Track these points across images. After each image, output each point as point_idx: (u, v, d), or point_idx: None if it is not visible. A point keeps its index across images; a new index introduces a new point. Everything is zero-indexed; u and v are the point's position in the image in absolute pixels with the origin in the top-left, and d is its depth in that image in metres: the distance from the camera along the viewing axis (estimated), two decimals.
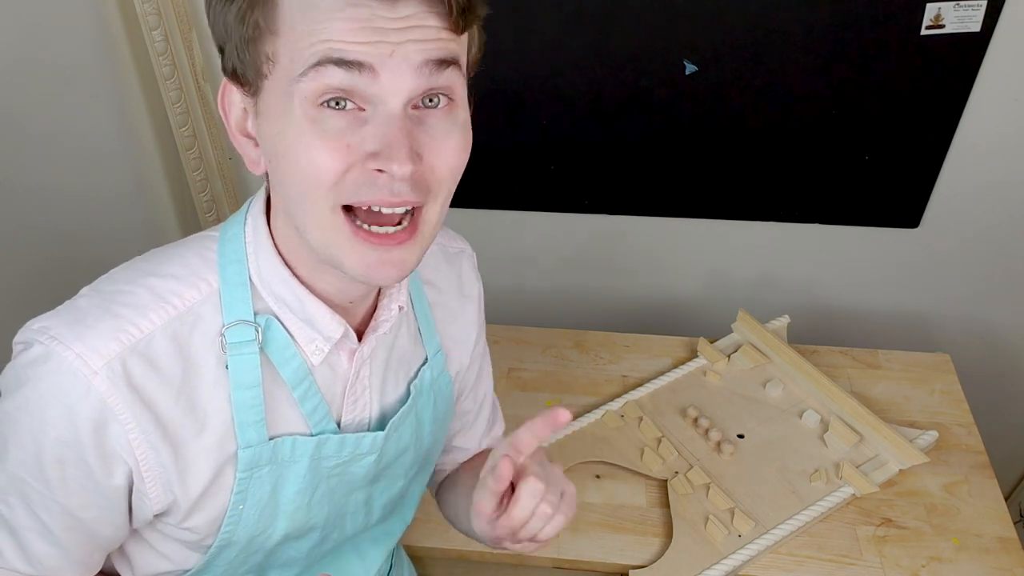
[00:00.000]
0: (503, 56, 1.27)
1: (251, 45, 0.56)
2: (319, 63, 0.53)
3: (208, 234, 0.68)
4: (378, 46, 0.53)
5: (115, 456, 0.61)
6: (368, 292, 0.69)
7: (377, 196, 0.56)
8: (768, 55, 1.23)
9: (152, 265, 0.65)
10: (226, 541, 0.69)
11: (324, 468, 0.71)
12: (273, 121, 0.57)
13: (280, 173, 0.59)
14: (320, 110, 0.55)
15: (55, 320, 0.60)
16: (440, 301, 0.82)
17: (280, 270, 0.65)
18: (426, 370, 0.78)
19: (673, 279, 1.54)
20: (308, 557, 0.78)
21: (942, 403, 1.26)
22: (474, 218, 1.48)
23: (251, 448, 0.65)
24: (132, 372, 0.59)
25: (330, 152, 0.55)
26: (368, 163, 0.55)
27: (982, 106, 1.25)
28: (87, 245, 1.47)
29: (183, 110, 1.35)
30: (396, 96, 0.55)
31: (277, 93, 0.56)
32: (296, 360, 0.66)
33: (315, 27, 0.53)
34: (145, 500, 0.63)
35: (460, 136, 0.59)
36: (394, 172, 0.55)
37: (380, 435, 0.72)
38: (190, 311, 0.62)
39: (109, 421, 0.59)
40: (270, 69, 0.56)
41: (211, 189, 1.46)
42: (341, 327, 0.66)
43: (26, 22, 1.24)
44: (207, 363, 0.63)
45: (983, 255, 1.42)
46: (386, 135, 0.55)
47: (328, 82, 0.54)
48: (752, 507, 1.09)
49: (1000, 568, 1.03)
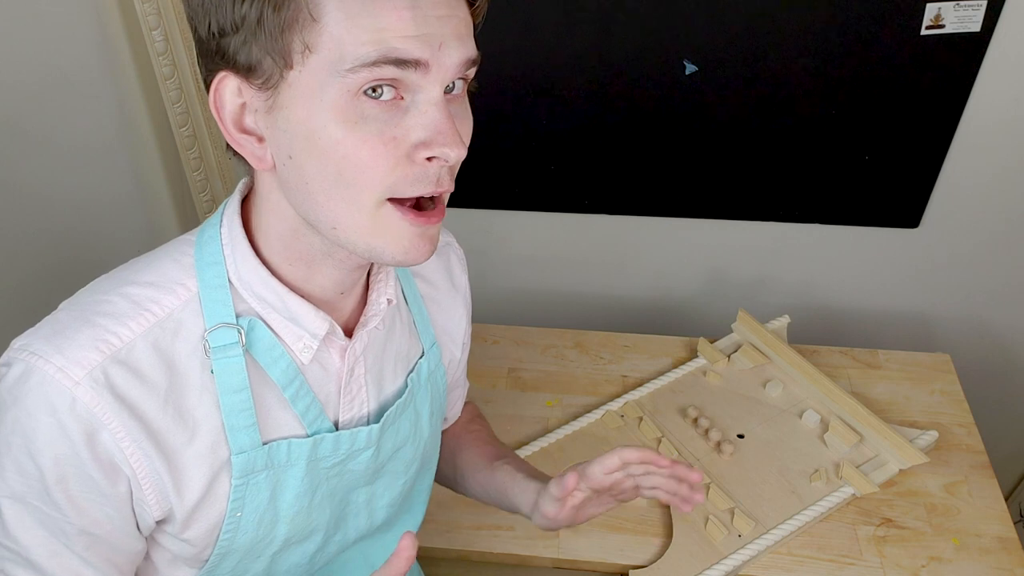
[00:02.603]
0: (503, 56, 1.27)
1: (284, 33, 0.53)
2: (375, 63, 0.52)
3: (184, 239, 0.67)
4: (429, 40, 0.53)
5: (112, 465, 0.60)
6: (357, 281, 0.68)
7: (426, 188, 0.57)
8: (768, 55, 1.23)
9: (129, 274, 0.64)
10: (225, 550, 0.68)
11: (322, 469, 0.70)
12: (301, 115, 0.55)
13: (309, 171, 0.56)
14: (359, 100, 0.54)
15: (34, 336, 0.59)
16: (431, 294, 0.82)
17: (259, 270, 0.64)
18: (423, 363, 0.79)
19: (673, 279, 1.54)
20: (312, 563, 0.77)
21: (942, 403, 1.26)
22: (474, 218, 1.48)
23: (244, 453, 0.64)
24: (115, 381, 0.58)
25: (375, 148, 0.55)
26: (417, 153, 0.56)
27: (982, 106, 1.25)
28: (87, 245, 1.47)
29: (183, 110, 1.35)
30: (439, 85, 0.55)
31: (308, 85, 0.54)
32: (284, 360, 0.65)
33: (361, 17, 0.52)
34: (145, 507, 0.62)
35: (471, 121, 0.61)
36: (450, 157, 0.56)
37: (376, 427, 0.72)
38: (170, 317, 0.61)
39: (98, 430, 0.58)
40: (302, 59, 0.53)
41: (211, 189, 1.46)
42: (326, 323, 0.66)
43: (26, 23, 1.24)
44: (192, 369, 0.62)
45: (983, 255, 1.42)
46: (435, 122, 0.55)
47: (380, 76, 0.53)
48: (752, 507, 1.09)
49: (1000, 568, 1.03)
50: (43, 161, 1.38)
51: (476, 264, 1.55)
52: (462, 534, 1.09)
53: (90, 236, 1.47)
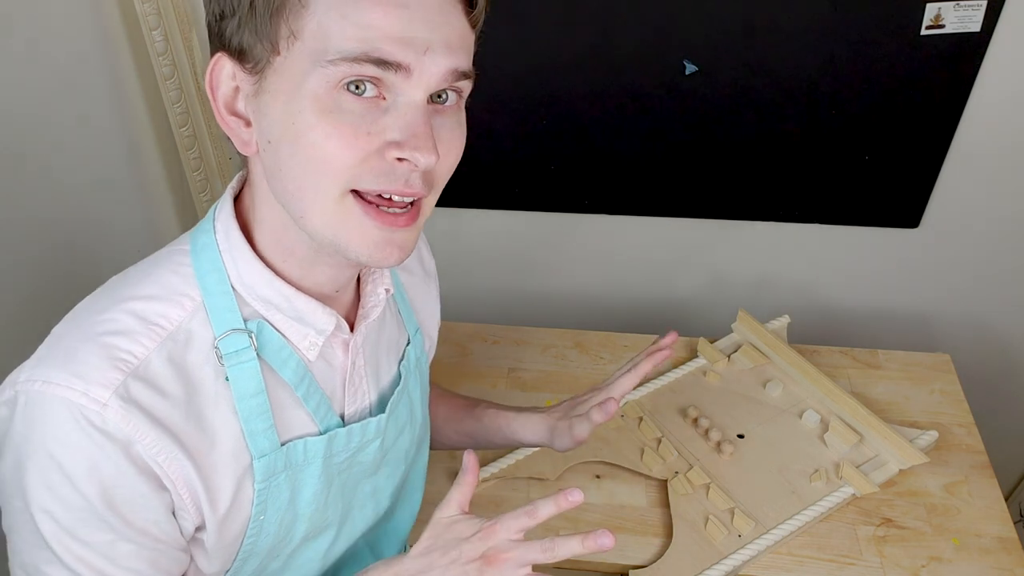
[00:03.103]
0: (503, 56, 1.27)
1: (272, 18, 0.54)
2: (356, 59, 0.53)
3: (177, 248, 0.66)
4: (414, 43, 0.53)
5: (154, 476, 0.59)
6: (352, 277, 0.69)
7: (394, 186, 0.56)
8: (768, 55, 1.23)
9: (126, 289, 0.62)
10: (248, 553, 0.68)
11: (335, 464, 0.71)
12: (282, 101, 0.55)
13: (283, 155, 0.57)
14: (339, 93, 0.54)
15: (42, 367, 0.57)
16: (410, 281, 0.84)
17: (262, 272, 0.63)
18: (411, 350, 0.80)
19: (673, 279, 1.54)
20: (324, 559, 0.77)
21: (942, 403, 1.26)
22: (474, 218, 1.48)
23: (265, 457, 0.64)
24: (139, 397, 0.58)
25: (347, 139, 0.54)
26: (389, 152, 0.55)
27: (982, 106, 1.25)
28: (86, 245, 1.47)
29: (183, 110, 1.35)
30: (423, 90, 0.55)
31: (292, 71, 0.54)
32: (293, 359, 0.66)
33: (349, 10, 0.52)
34: (185, 515, 0.62)
35: (462, 134, 0.61)
36: (419, 162, 0.55)
37: (383, 417, 0.73)
38: (180, 329, 0.61)
39: (133, 445, 0.57)
40: (288, 45, 0.54)
41: (211, 189, 1.46)
42: (333, 318, 0.66)
43: (25, 23, 1.24)
44: (206, 378, 0.62)
45: (983, 255, 1.42)
46: (411, 125, 0.55)
47: (360, 72, 0.53)
48: (752, 507, 1.09)
49: (1000, 568, 1.03)
50: (42, 161, 1.38)
51: (476, 264, 1.56)
52: None
53: (90, 236, 1.46)
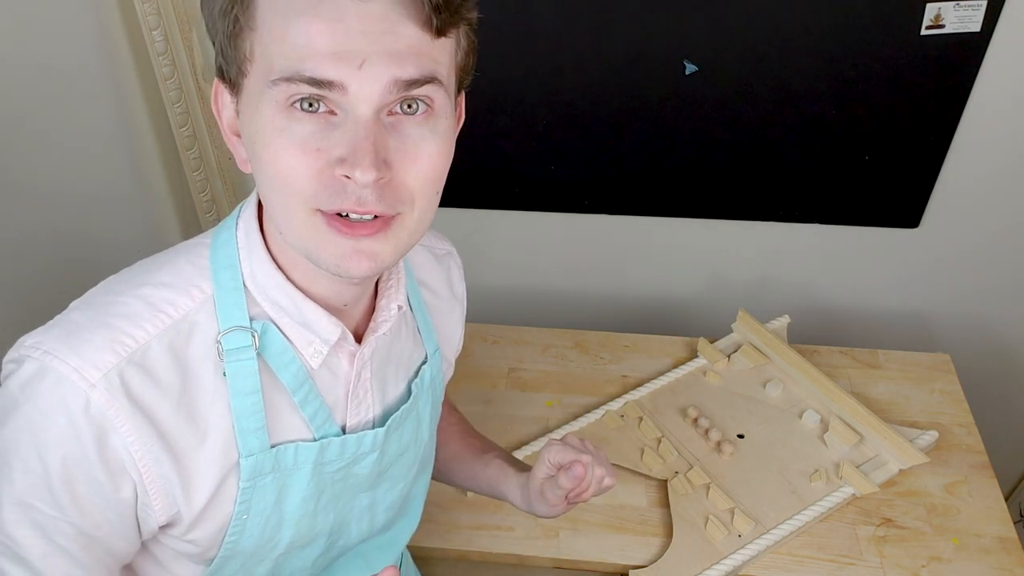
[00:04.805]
0: (503, 56, 1.27)
1: (232, 41, 0.56)
2: (290, 79, 0.53)
3: (200, 240, 0.67)
4: (347, 57, 0.52)
5: (120, 469, 0.59)
6: (362, 294, 0.68)
7: (346, 203, 0.56)
8: (768, 55, 1.23)
9: (143, 275, 0.63)
10: (230, 552, 0.68)
11: (327, 473, 0.70)
12: (249, 121, 0.57)
13: (257, 174, 0.59)
14: (291, 112, 0.54)
15: (48, 335, 0.59)
16: (434, 302, 0.83)
17: (275, 274, 0.64)
18: (426, 369, 0.79)
19: (673, 279, 1.54)
20: (314, 567, 0.77)
21: (942, 403, 1.26)
22: (474, 218, 1.48)
23: (253, 456, 0.65)
24: (130, 384, 0.58)
25: (298, 156, 0.55)
26: (337, 168, 0.55)
27: (982, 106, 1.25)
28: (87, 245, 1.47)
29: (183, 110, 1.35)
30: (366, 104, 0.54)
31: (252, 93, 0.56)
32: (295, 364, 0.66)
33: (286, 29, 0.53)
34: (149, 512, 0.62)
35: (436, 145, 0.57)
36: (357, 179, 0.54)
37: (381, 431, 0.72)
38: (185, 319, 0.62)
39: (109, 433, 0.58)
40: (249, 68, 0.56)
41: (211, 189, 1.46)
42: (338, 328, 0.66)
43: (26, 23, 1.24)
44: (205, 371, 0.62)
45: (983, 255, 1.42)
46: (352, 141, 0.54)
47: (299, 91, 0.54)
48: (752, 507, 1.09)
49: (1000, 568, 1.03)
50: (43, 161, 1.38)
51: (476, 264, 1.56)
52: (461, 534, 1.09)
53: (90, 236, 1.47)
